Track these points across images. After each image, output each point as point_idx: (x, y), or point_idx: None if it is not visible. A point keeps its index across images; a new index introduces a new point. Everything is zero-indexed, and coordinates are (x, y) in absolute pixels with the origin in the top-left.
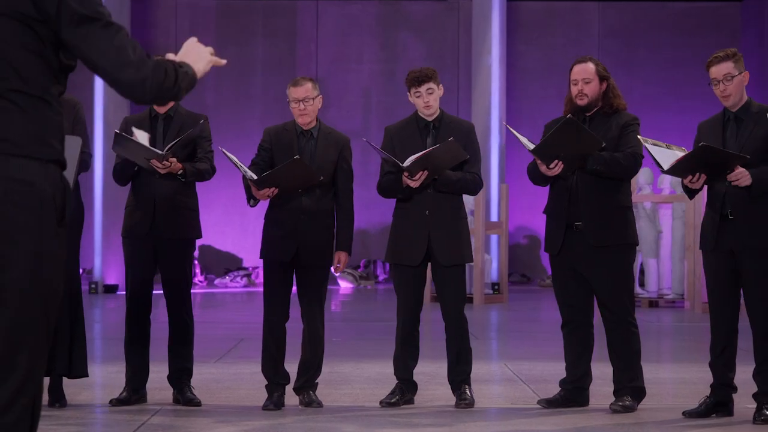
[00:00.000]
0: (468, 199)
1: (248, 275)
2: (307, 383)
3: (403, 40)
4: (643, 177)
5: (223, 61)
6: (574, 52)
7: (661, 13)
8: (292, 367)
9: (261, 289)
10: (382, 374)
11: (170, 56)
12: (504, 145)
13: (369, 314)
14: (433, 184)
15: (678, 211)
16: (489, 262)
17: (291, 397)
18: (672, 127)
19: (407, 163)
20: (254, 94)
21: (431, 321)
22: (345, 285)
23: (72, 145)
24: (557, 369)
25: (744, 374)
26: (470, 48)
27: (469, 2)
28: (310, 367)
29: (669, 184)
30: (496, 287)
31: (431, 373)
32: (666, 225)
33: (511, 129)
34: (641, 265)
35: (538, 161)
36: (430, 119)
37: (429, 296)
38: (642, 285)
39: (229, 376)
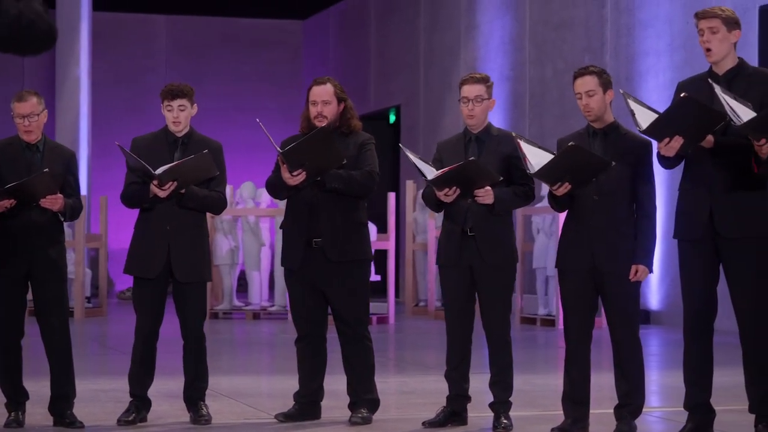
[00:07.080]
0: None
1: None
2: (59, 403)
3: None
4: (246, 191)
5: None
6: (143, 65)
7: (227, 29)
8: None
9: None
10: (88, 390)
11: None
12: (90, 156)
13: None
14: (178, 200)
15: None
16: (89, 275)
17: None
18: (238, 140)
19: (159, 171)
20: None
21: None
22: None
23: None
24: (246, 383)
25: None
26: (44, 57)
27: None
28: (63, 385)
29: (270, 199)
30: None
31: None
32: (267, 238)
33: (263, 127)
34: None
35: (282, 165)
36: (179, 135)
37: None
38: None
39: None
